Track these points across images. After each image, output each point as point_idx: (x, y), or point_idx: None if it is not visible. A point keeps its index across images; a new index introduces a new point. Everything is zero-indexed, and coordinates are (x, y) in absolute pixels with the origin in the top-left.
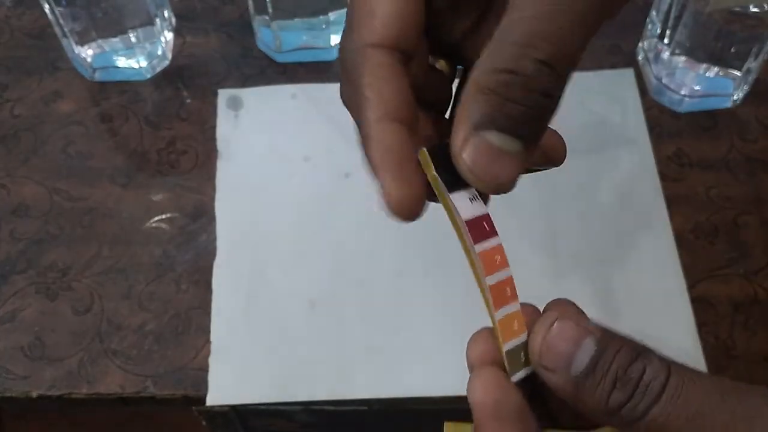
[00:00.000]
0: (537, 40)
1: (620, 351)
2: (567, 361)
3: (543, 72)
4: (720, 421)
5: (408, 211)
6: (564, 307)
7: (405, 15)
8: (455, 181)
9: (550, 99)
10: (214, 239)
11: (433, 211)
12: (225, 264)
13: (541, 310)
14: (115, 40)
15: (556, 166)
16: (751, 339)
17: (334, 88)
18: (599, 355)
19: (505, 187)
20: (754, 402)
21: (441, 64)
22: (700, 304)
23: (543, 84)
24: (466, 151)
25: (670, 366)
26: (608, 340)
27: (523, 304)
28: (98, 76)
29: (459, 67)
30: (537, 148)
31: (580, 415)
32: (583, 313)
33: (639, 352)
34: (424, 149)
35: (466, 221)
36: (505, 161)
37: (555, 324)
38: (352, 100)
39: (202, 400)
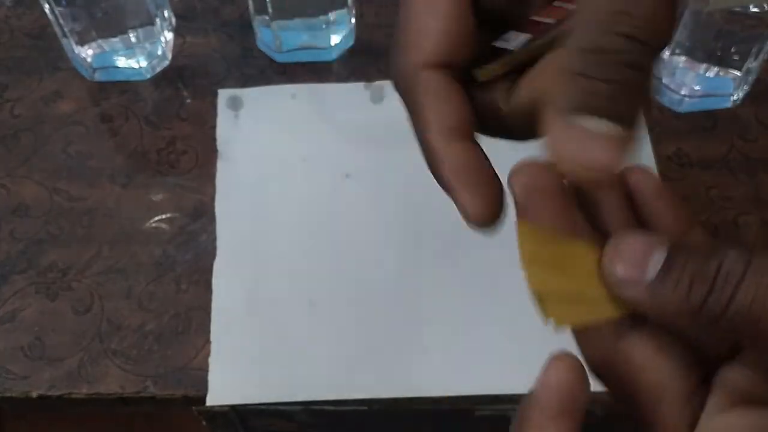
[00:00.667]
0: (620, 16)
1: (693, 251)
2: (641, 268)
3: (632, 45)
4: None
5: (489, 222)
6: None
7: (453, 31)
8: None
9: (643, 72)
10: (214, 239)
11: (434, 211)
12: (225, 264)
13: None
14: (115, 40)
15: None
16: None
17: (334, 88)
18: (672, 258)
19: (607, 173)
20: None
21: (484, 73)
22: None
23: (633, 57)
24: (560, 142)
25: (750, 252)
26: (680, 244)
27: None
28: (98, 76)
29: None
30: (637, 123)
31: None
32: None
33: (714, 247)
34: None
35: None
36: (605, 146)
37: (624, 237)
38: (412, 120)
39: (203, 400)
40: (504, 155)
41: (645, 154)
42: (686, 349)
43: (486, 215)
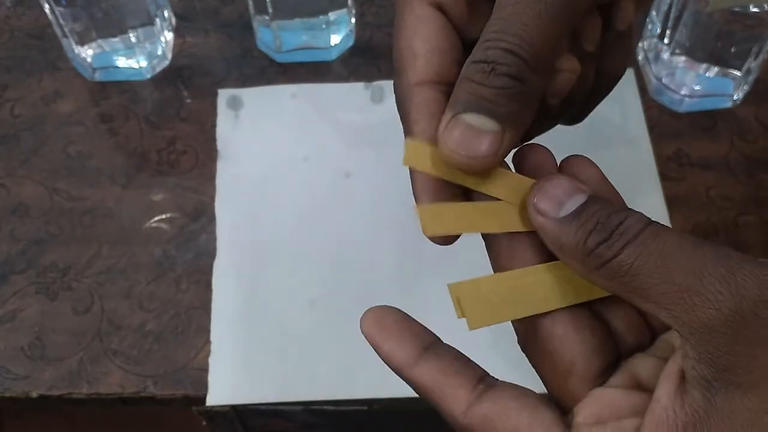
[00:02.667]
0: (503, 35)
1: (606, 204)
2: (558, 205)
3: (508, 58)
4: (688, 266)
5: (444, 242)
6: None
7: (443, 49)
8: None
9: (520, 82)
10: (214, 239)
11: None
12: (225, 264)
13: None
14: (115, 40)
15: (584, 88)
16: None
17: (334, 88)
18: (586, 204)
19: (484, 162)
20: (723, 253)
21: None
22: None
23: (509, 68)
24: (446, 133)
25: (651, 221)
26: (598, 197)
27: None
28: (98, 76)
29: None
30: (521, 127)
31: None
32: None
33: (624, 208)
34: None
35: None
36: (482, 139)
37: (554, 177)
38: (404, 133)
39: (203, 400)
40: None
41: (645, 154)
42: (602, 334)
43: (439, 240)
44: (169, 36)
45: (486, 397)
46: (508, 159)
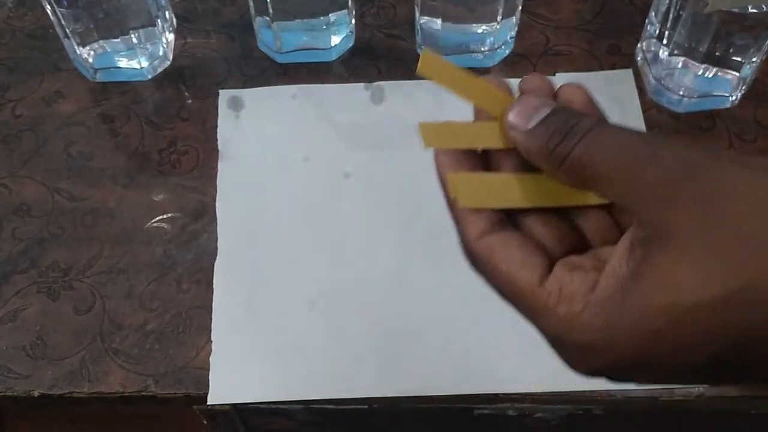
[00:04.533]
0: None
1: (566, 112)
2: (526, 119)
3: None
4: (626, 152)
5: None
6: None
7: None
8: None
9: None
10: (215, 239)
11: (433, 211)
12: (226, 264)
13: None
14: (117, 41)
15: None
16: None
17: (334, 89)
18: (549, 115)
19: None
20: (652, 137)
21: None
22: None
23: None
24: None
25: (603, 120)
26: (560, 107)
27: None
28: (100, 77)
29: None
30: None
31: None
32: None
33: (580, 113)
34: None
35: None
36: None
37: (524, 96)
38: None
39: (204, 399)
40: None
41: None
42: (571, 228)
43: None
44: (170, 37)
45: (498, 233)
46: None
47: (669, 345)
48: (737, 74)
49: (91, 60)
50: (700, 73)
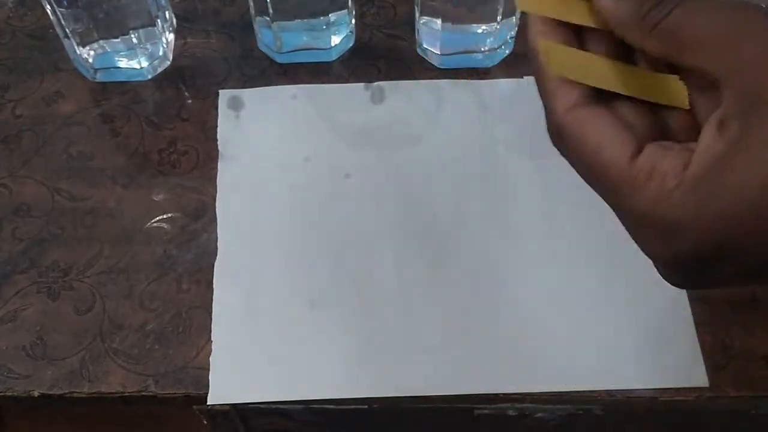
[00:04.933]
0: None
1: None
2: None
3: None
4: (729, 17)
5: None
6: None
7: None
8: None
9: None
10: (215, 239)
11: (433, 211)
12: (226, 263)
13: None
14: (117, 41)
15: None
16: (750, 338)
17: (334, 89)
18: None
19: None
20: (758, 8)
21: None
22: (698, 303)
23: None
24: None
25: None
26: None
27: None
28: (100, 77)
29: None
30: None
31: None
32: None
33: None
34: None
35: None
36: None
37: None
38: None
39: (204, 399)
40: None
41: None
42: (629, 126)
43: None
44: (170, 37)
45: (591, 106)
46: None
47: (760, 221)
48: None
49: (91, 60)
50: None
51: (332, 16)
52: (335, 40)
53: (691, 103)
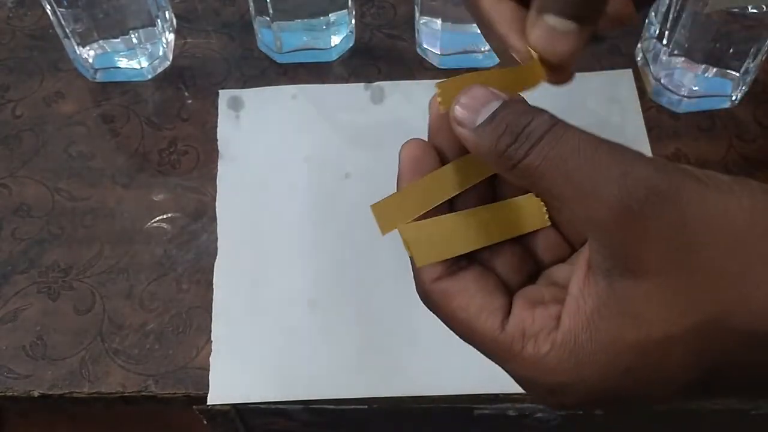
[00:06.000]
0: None
1: (517, 107)
2: (474, 114)
3: None
4: (585, 169)
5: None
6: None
7: None
8: None
9: None
10: (215, 239)
11: None
12: (226, 264)
13: None
14: (117, 41)
15: (628, 25)
16: None
17: (334, 89)
18: (498, 111)
19: (564, 60)
20: (619, 154)
21: None
22: None
23: None
24: (532, 32)
25: (558, 121)
26: (510, 101)
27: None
28: (100, 77)
29: None
30: (594, 25)
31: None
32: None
33: (532, 110)
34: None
35: None
36: (561, 39)
37: (471, 89)
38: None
39: (204, 399)
40: None
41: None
42: (495, 285)
43: (526, 51)
44: (170, 37)
45: (455, 275)
46: None
47: (640, 380)
48: (737, 74)
49: (91, 60)
50: (700, 73)
51: (332, 16)
52: (335, 40)
53: (552, 220)
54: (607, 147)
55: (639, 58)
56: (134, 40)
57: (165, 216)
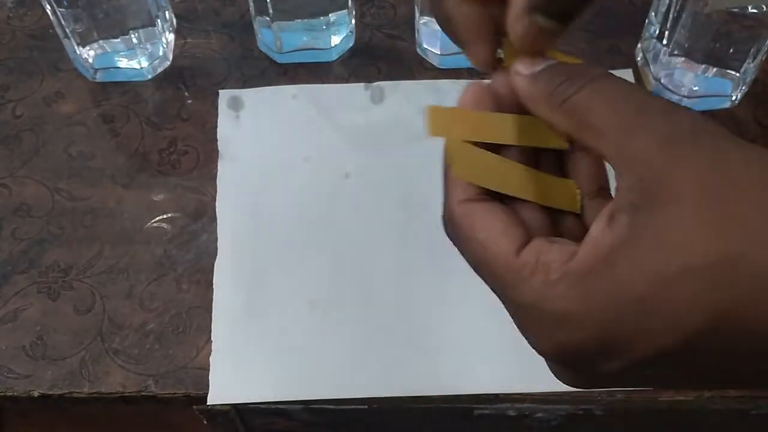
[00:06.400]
0: None
1: (569, 65)
2: (531, 65)
3: None
4: (634, 104)
5: (490, 66)
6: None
7: None
8: None
9: None
10: (215, 239)
11: (434, 210)
12: (226, 264)
13: None
14: (117, 41)
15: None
16: None
17: (334, 89)
18: (555, 65)
19: (540, 51)
20: (664, 100)
21: None
22: None
23: None
24: (519, 25)
25: (609, 72)
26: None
27: None
28: (100, 77)
29: None
30: (573, 22)
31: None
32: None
33: (585, 67)
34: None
35: None
36: (544, 36)
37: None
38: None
39: (204, 399)
40: None
41: None
42: (520, 221)
43: (488, 61)
44: (170, 37)
45: (485, 201)
46: None
47: (650, 313)
48: (737, 74)
49: (91, 60)
50: (700, 73)
51: (332, 16)
52: (335, 40)
53: (585, 209)
54: (654, 97)
55: (639, 58)
56: (134, 40)
57: (165, 216)
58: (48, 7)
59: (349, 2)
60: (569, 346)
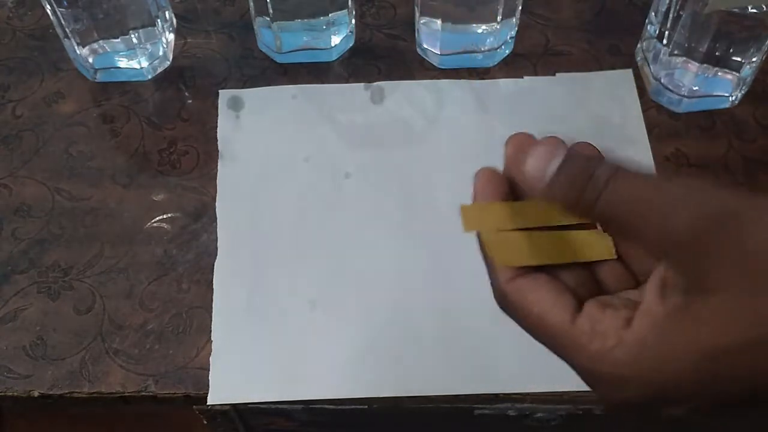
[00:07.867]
0: None
1: (579, 159)
2: (542, 174)
3: None
4: (654, 201)
5: None
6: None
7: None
8: None
9: None
10: (215, 239)
11: (433, 210)
12: (226, 264)
13: None
14: (117, 41)
15: None
16: None
17: (334, 89)
18: (564, 164)
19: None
20: (683, 182)
21: None
22: None
23: None
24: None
25: (618, 167)
26: (572, 154)
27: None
28: (100, 77)
29: None
30: None
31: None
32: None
33: (593, 158)
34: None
35: None
36: None
37: (537, 148)
38: None
39: (203, 399)
40: None
41: (643, 155)
42: (566, 288)
43: None
44: (170, 37)
45: (527, 276)
46: None
47: (696, 382)
48: (737, 74)
49: (91, 60)
50: (700, 73)
51: (332, 16)
52: (335, 40)
53: (619, 253)
54: (667, 180)
55: (639, 58)
56: (134, 40)
57: (165, 216)
58: (48, 7)
59: (349, 2)
60: (627, 400)
